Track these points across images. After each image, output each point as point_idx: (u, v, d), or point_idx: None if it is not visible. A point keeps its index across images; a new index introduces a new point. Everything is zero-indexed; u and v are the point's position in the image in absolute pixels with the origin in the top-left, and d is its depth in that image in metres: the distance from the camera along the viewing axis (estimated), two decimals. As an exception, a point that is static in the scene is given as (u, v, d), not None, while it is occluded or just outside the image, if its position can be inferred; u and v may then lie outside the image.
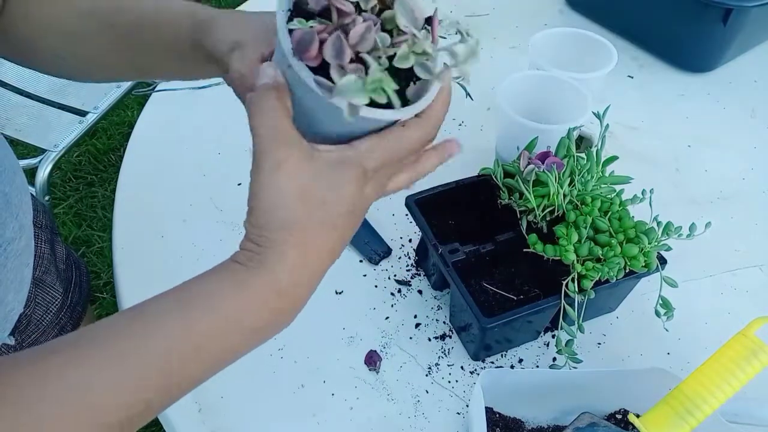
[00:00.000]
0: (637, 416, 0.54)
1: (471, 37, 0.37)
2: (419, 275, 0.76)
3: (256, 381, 0.66)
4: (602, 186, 0.68)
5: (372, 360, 0.67)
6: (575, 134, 0.85)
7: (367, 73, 0.35)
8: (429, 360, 0.68)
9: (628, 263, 0.62)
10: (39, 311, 0.70)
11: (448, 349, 0.69)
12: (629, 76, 1.05)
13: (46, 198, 1.39)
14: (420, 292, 0.74)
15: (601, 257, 0.62)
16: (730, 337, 0.54)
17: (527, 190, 0.65)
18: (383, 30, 0.37)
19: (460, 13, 1.16)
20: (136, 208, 0.83)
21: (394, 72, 0.36)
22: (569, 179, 0.66)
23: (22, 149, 1.47)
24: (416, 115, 0.39)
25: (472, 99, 0.78)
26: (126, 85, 1.53)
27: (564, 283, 0.62)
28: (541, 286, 0.68)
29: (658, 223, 0.63)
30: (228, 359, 0.39)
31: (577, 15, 1.15)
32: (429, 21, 0.38)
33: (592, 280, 0.62)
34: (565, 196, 0.65)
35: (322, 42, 0.35)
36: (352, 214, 0.38)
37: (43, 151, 1.38)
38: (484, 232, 0.69)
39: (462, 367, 0.68)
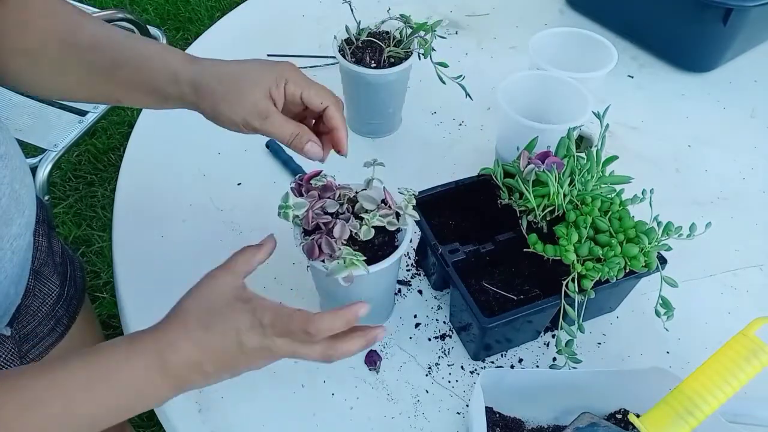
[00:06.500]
0: (637, 416, 0.54)
1: None
2: (419, 275, 0.76)
3: (256, 381, 0.66)
4: (602, 186, 0.68)
5: (372, 360, 0.67)
6: (575, 134, 0.85)
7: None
8: (429, 360, 0.68)
9: (628, 263, 0.62)
10: (36, 302, 0.71)
11: (448, 349, 0.69)
12: (629, 76, 1.05)
13: (46, 197, 1.39)
14: (420, 292, 0.74)
15: (602, 257, 0.62)
16: (730, 337, 0.53)
17: (527, 190, 0.65)
18: (358, 216, 0.61)
19: (460, 13, 1.16)
20: (136, 208, 0.83)
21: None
22: (569, 179, 0.66)
23: (22, 149, 1.46)
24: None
25: (471, 99, 0.78)
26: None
27: (564, 283, 0.62)
28: (541, 285, 0.68)
29: (659, 223, 0.63)
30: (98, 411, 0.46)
31: (577, 15, 1.15)
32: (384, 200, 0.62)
33: (592, 280, 0.62)
34: (565, 196, 0.65)
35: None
36: (233, 340, 0.48)
37: (43, 150, 1.38)
38: (484, 232, 0.69)
39: (462, 367, 0.68)
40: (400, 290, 0.74)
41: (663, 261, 0.65)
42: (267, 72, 0.58)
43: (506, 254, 0.69)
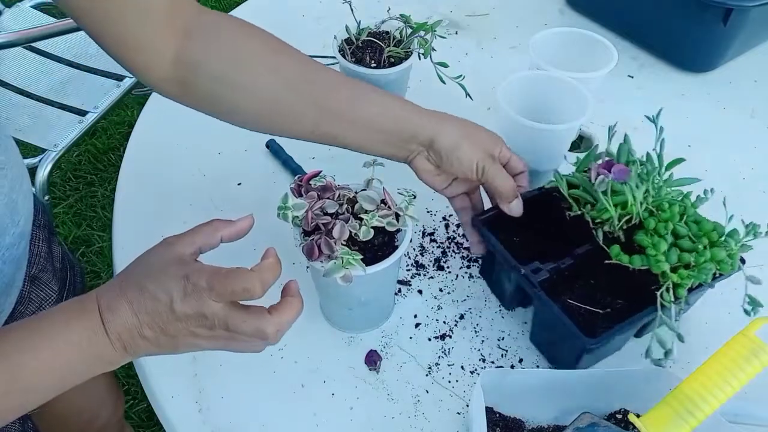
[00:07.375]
0: (637, 416, 0.54)
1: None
2: (419, 275, 0.76)
3: (256, 381, 0.66)
4: (671, 189, 0.66)
5: (372, 360, 0.67)
6: (575, 135, 0.85)
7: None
8: (429, 360, 0.68)
9: (717, 267, 0.61)
10: (32, 307, 0.70)
11: (448, 349, 0.69)
12: (629, 76, 1.05)
13: (46, 198, 1.39)
14: (420, 292, 0.74)
15: (692, 263, 0.60)
16: (730, 337, 0.54)
17: (606, 201, 0.63)
18: (356, 215, 0.62)
19: (460, 13, 1.16)
20: (136, 208, 0.83)
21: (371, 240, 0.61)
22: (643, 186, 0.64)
23: (22, 149, 1.45)
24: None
25: (471, 99, 0.78)
26: (126, 84, 1.53)
27: (659, 293, 0.60)
28: (624, 296, 0.66)
29: (744, 225, 0.62)
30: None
31: (577, 15, 1.15)
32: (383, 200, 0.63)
33: (686, 288, 0.60)
34: (640, 203, 0.64)
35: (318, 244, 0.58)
36: (165, 303, 0.47)
37: (43, 150, 1.38)
38: (552, 247, 0.67)
39: (462, 367, 0.68)
40: (400, 290, 0.74)
41: (742, 260, 0.64)
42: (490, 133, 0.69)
43: (583, 267, 0.67)
